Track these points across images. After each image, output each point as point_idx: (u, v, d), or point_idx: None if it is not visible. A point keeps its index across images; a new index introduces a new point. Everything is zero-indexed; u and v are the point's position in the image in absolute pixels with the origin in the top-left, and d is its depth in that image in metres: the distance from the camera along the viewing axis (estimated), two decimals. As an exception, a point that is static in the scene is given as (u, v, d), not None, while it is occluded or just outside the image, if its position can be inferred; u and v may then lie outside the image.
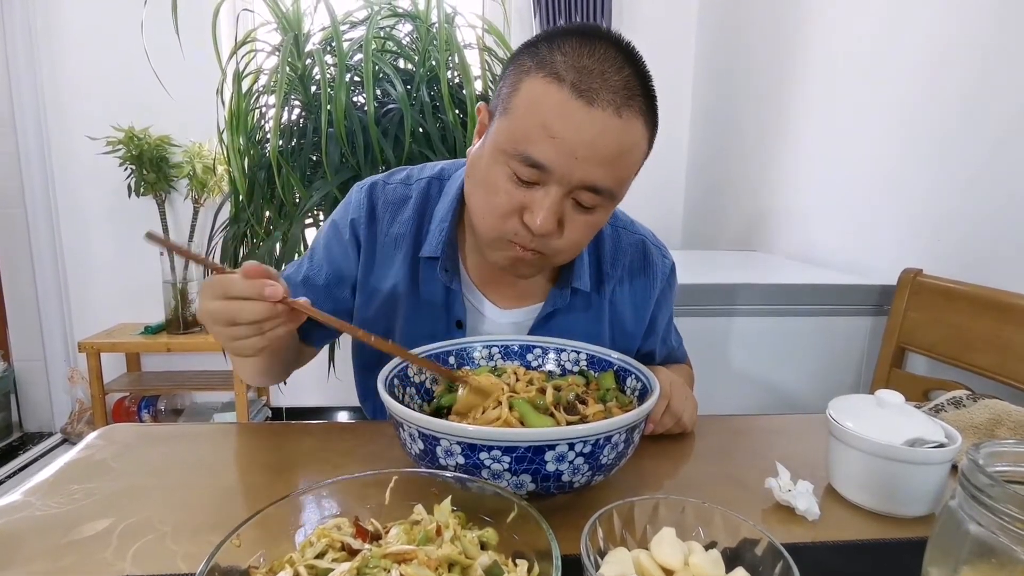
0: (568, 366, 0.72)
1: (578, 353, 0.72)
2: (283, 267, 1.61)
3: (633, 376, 0.66)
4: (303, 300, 0.58)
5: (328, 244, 0.81)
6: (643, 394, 0.63)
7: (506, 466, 0.48)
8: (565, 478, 0.50)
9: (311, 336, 0.81)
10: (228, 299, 0.54)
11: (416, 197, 0.79)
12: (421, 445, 0.51)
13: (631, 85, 0.59)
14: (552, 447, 0.48)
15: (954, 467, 0.59)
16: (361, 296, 0.80)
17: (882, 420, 0.58)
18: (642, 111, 0.60)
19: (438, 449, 0.50)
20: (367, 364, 0.87)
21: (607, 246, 0.83)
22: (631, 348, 0.85)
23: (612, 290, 0.83)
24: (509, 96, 0.61)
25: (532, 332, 0.79)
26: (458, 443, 0.48)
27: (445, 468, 0.50)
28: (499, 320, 0.80)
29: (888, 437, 0.56)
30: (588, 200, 0.62)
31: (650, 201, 2.73)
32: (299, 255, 1.54)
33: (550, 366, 0.73)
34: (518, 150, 0.59)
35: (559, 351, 0.73)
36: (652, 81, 0.62)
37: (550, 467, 0.49)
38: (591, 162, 0.59)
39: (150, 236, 0.56)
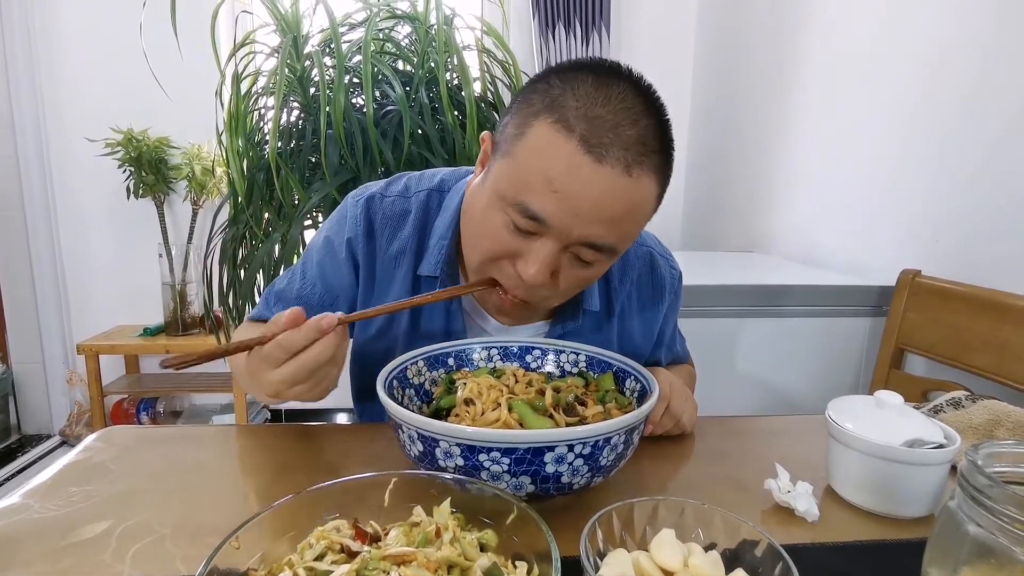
0: (567, 367, 0.72)
1: (577, 355, 0.72)
2: (281, 269, 1.61)
3: (632, 377, 0.66)
4: (344, 315, 0.58)
5: (321, 262, 0.78)
6: (642, 395, 0.63)
7: (505, 467, 0.48)
8: (564, 479, 0.50)
9: None
10: (296, 355, 0.54)
11: (416, 211, 0.76)
12: (420, 447, 0.51)
13: (646, 139, 0.55)
14: (551, 448, 0.48)
15: (953, 468, 0.59)
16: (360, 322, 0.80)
17: (881, 421, 0.59)
18: (655, 168, 0.57)
19: (437, 451, 0.49)
20: (365, 366, 0.85)
21: (615, 262, 0.82)
22: (639, 360, 0.84)
23: (621, 306, 0.81)
24: (514, 138, 0.58)
25: None
26: (457, 444, 0.48)
27: (444, 470, 0.50)
28: (503, 339, 0.78)
29: (887, 438, 0.56)
30: (587, 255, 0.60)
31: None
32: (298, 257, 1.54)
33: (549, 367, 0.73)
34: (518, 199, 0.57)
35: (558, 352, 0.73)
36: (670, 130, 0.58)
37: (549, 468, 0.49)
38: (593, 220, 0.56)
39: (167, 364, 0.55)
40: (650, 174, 0.56)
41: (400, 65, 1.79)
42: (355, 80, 1.66)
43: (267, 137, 1.64)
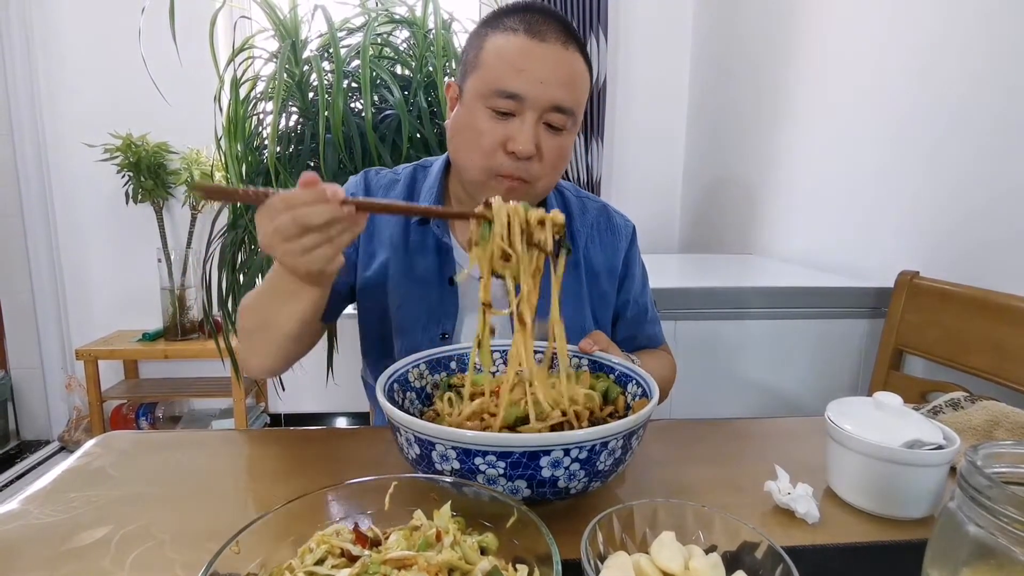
0: (569, 372, 0.72)
1: (580, 358, 0.72)
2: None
3: (634, 382, 0.66)
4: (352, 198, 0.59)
5: None
6: (644, 398, 0.63)
7: (501, 471, 0.48)
8: (561, 484, 0.50)
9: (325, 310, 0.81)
10: (293, 209, 0.55)
11: (404, 180, 0.90)
12: (417, 450, 0.51)
13: (568, 33, 0.74)
14: (547, 453, 0.48)
15: (953, 469, 0.59)
16: (361, 260, 0.87)
17: (880, 422, 0.59)
18: (580, 50, 0.75)
19: (433, 454, 0.50)
20: (376, 355, 0.92)
21: (574, 207, 0.93)
22: (608, 305, 0.93)
23: (584, 245, 0.91)
24: (475, 57, 0.75)
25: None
26: (453, 448, 0.48)
27: (441, 473, 0.50)
28: (505, 342, 0.79)
29: (886, 439, 0.56)
30: (557, 120, 0.74)
31: (647, 205, 2.73)
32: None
33: (554, 371, 0.72)
34: (495, 88, 0.72)
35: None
36: (582, 39, 0.77)
37: (545, 473, 0.49)
38: (554, 85, 0.72)
39: (197, 187, 0.58)
40: (579, 52, 0.75)
41: (398, 69, 1.80)
42: (353, 85, 1.66)
43: (266, 142, 1.64)
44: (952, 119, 1.32)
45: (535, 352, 0.73)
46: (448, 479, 0.48)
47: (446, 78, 1.63)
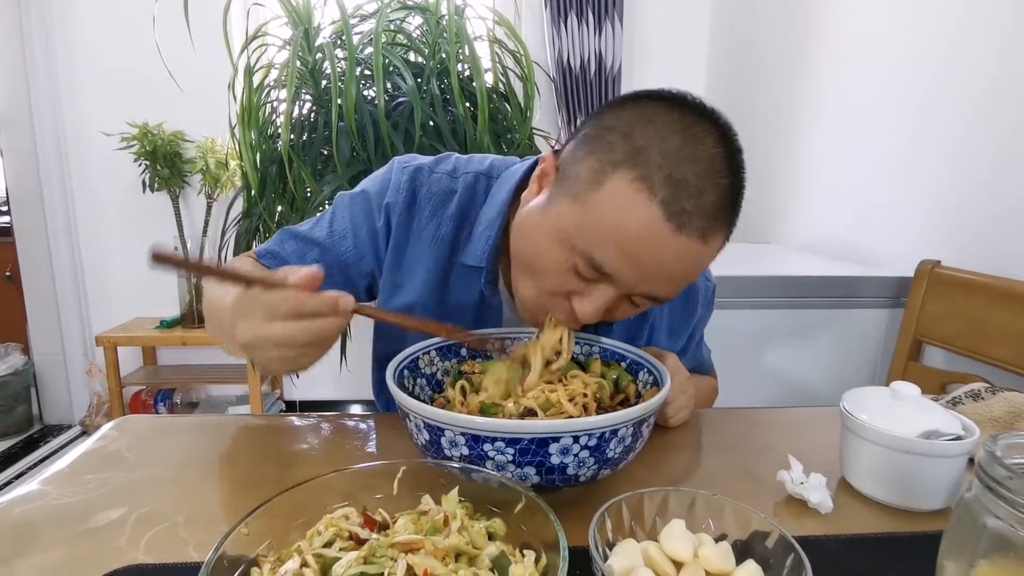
0: (581, 360, 0.71)
1: (591, 346, 0.71)
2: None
3: (645, 370, 0.66)
4: (369, 305, 0.55)
5: (355, 216, 0.74)
6: (656, 387, 0.63)
7: (510, 458, 0.48)
8: (570, 471, 0.49)
9: None
10: (302, 318, 0.48)
11: (461, 193, 0.74)
12: (426, 435, 0.51)
13: (725, 202, 0.53)
14: (556, 439, 0.47)
15: (971, 460, 0.58)
16: (384, 288, 0.75)
17: (897, 412, 0.57)
18: (728, 224, 0.56)
19: (443, 440, 0.49)
20: (385, 359, 0.85)
21: None
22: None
23: (653, 315, 0.80)
24: (588, 185, 0.54)
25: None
26: (462, 434, 0.48)
27: (450, 459, 0.50)
28: (516, 329, 0.75)
29: (903, 430, 0.55)
30: (644, 304, 0.60)
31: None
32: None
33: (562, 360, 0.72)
34: (586, 250, 0.55)
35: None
36: (744, 175, 0.56)
37: (554, 460, 0.48)
38: (660, 280, 0.56)
39: (157, 257, 0.45)
40: (722, 234, 0.56)
41: (411, 56, 1.79)
42: (366, 72, 1.66)
43: (279, 130, 1.65)
44: (973, 107, 1.28)
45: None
46: (456, 465, 0.48)
47: (458, 64, 1.62)
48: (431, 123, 1.65)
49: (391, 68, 1.61)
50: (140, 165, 2.38)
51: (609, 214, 0.53)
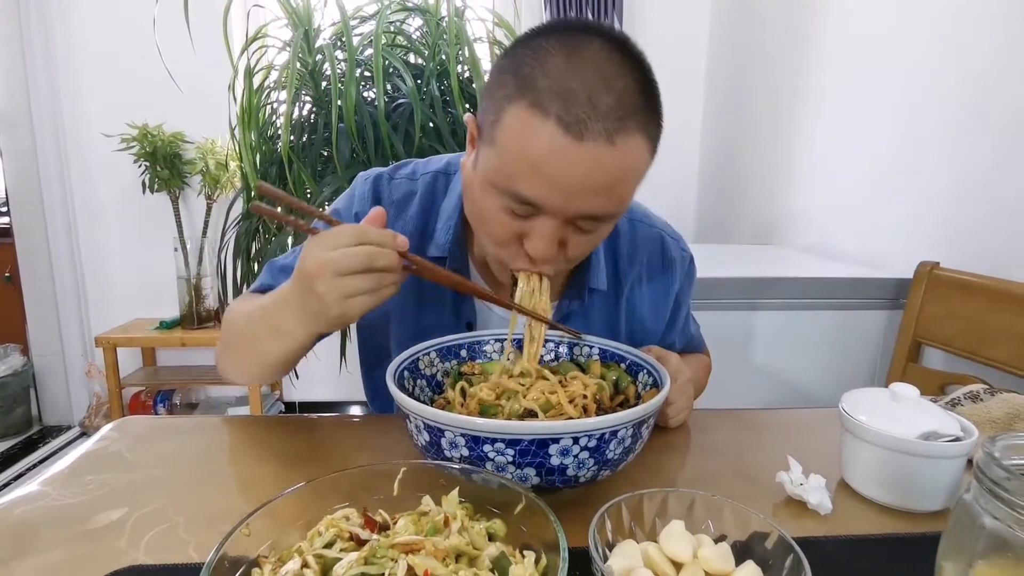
0: (581, 361, 0.72)
1: (591, 347, 0.72)
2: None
3: (645, 371, 0.66)
4: (419, 257, 0.57)
5: None
6: (655, 388, 0.63)
7: (510, 459, 0.48)
8: (570, 472, 0.50)
9: None
10: (364, 243, 0.52)
11: (421, 192, 0.77)
12: (427, 437, 0.51)
13: (626, 102, 0.53)
14: (556, 441, 0.47)
15: (970, 462, 0.58)
16: None
17: (896, 414, 0.58)
18: (639, 126, 0.54)
19: (443, 441, 0.50)
20: (371, 363, 0.86)
21: (624, 242, 0.81)
22: (651, 341, 0.84)
23: (630, 288, 0.81)
24: (492, 125, 0.57)
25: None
26: (462, 435, 0.48)
27: (450, 460, 0.50)
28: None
29: (902, 431, 0.55)
30: (588, 226, 0.59)
31: (663, 195, 2.68)
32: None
33: (563, 360, 0.72)
34: (508, 187, 0.56)
35: (571, 345, 0.72)
36: (652, 80, 0.56)
37: (554, 461, 0.48)
38: (586, 194, 0.55)
39: (261, 194, 0.54)
40: (635, 135, 0.54)
41: (411, 58, 1.79)
42: (366, 73, 1.66)
43: (279, 131, 1.65)
44: (972, 109, 1.29)
45: (546, 341, 0.73)
46: (456, 466, 0.48)
47: (458, 66, 1.63)
48: (431, 124, 1.65)
49: (391, 69, 1.61)
50: (140, 166, 2.38)
51: (513, 145, 0.54)
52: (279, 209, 0.60)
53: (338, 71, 1.53)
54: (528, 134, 0.53)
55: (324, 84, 1.67)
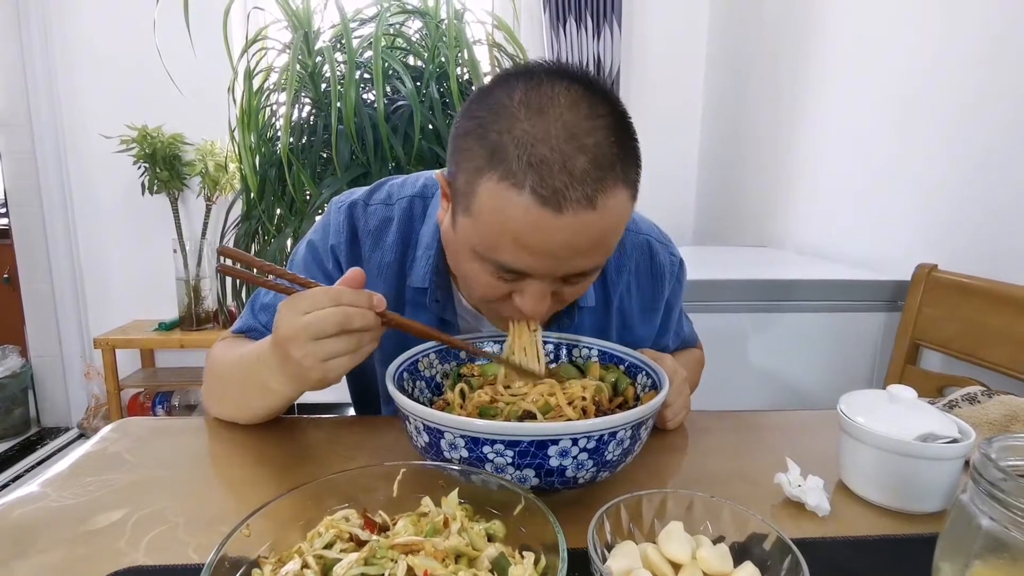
0: (580, 363, 0.72)
1: (590, 349, 0.72)
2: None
3: (644, 373, 0.66)
4: (398, 315, 0.57)
5: (308, 269, 0.75)
6: (654, 390, 0.63)
7: (509, 460, 0.48)
8: (569, 473, 0.50)
9: None
10: (339, 305, 0.51)
11: (399, 219, 0.74)
12: (426, 438, 0.51)
13: (600, 160, 0.51)
14: (555, 442, 0.48)
15: (967, 463, 0.58)
16: None
17: (894, 415, 0.58)
18: (618, 179, 0.52)
19: (442, 442, 0.50)
20: (358, 383, 0.87)
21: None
22: (642, 345, 0.82)
23: (619, 298, 0.80)
24: (467, 195, 0.55)
25: None
26: (461, 436, 0.48)
27: (449, 461, 0.50)
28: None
29: (900, 432, 0.55)
30: (578, 280, 0.59)
31: (661, 197, 2.71)
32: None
33: (562, 362, 0.72)
34: (493, 258, 0.55)
35: (571, 347, 0.72)
36: (624, 118, 0.54)
37: (553, 462, 0.49)
38: (572, 257, 0.54)
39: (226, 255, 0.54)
40: (615, 190, 0.52)
41: (411, 60, 1.80)
42: (366, 76, 1.66)
43: (279, 133, 1.65)
44: (970, 110, 1.29)
45: (544, 343, 0.73)
46: (456, 467, 0.48)
47: (458, 68, 1.63)
48: (430, 126, 1.66)
49: (390, 72, 1.61)
50: (139, 167, 2.39)
51: (492, 218, 0.53)
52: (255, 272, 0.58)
53: (338, 73, 1.53)
54: (506, 209, 0.51)
55: (324, 86, 1.67)
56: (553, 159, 0.50)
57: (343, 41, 1.58)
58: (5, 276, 2.59)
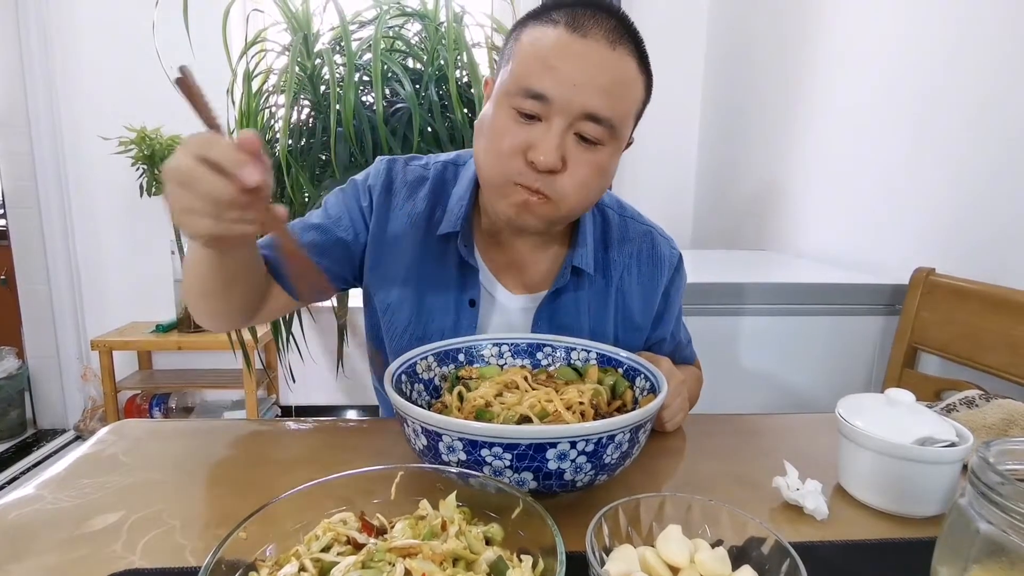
0: (578, 365, 0.72)
1: (588, 352, 0.72)
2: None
3: (642, 376, 0.66)
4: (282, 210, 0.51)
5: (346, 199, 0.81)
6: (652, 393, 0.63)
7: (507, 463, 0.48)
8: (567, 476, 0.50)
9: (283, 278, 0.75)
10: (200, 160, 0.46)
11: (432, 179, 0.82)
12: (424, 441, 0.51)
13: (620, 31, 0.64)
14: (553, 445, 0.48)
15: (965, 467, 0.58)
16: (373, 269, 0.80)
17: (892, 419, 0.58)
18: (633, 53, 0.64)
19: (440, 445, 0.50)
20: (379, 348, 0.86)
21: (614, 232, 0.84)
22: (639, 339, 0.85)
23: (619, 277, 0.83)
24: (510, 49, 0.67)
25: (539, 312, 0.79)
26: (460, 439, 0.48)
27: (448, 463, 0.50)
28: (509, 305, 0.80)
29: (898, 436, 0.55)
30: (591, 131, 0.64)
31: (661, 200, 2.72)
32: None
33: (559, 365, 0.72)
34: (520, 86, 0.63)
35: (569, 350, 0.72)
36: (642, 40, 0.66)
37: (552, 465, 0.48)
38: (589, 89, 0.62)
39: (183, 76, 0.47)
40: (631, 55, 0.64)
41: (410, 63, 1.80)
42: (365, 78, 1.67)
43: (278, 135, 1.65)
44: (969, 116, 1.29)
45: (543, 345, 0.73)
46: (454, 470, 0.48)
47: (457, 71, 1.63)
48: (429, 129, 1.66)
49: (390, 74, 1.62)
50: (138, 169, 2.38)
51: (527, 50, 0.64)
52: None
53: (337, 75, 1.53)
54: (541, 39, 0.63)
55: (323, 88, 1.67)
56: (586, 15, 0.63)
57: (342, 43, 1.58)
58: (2, 277, 2.59)
